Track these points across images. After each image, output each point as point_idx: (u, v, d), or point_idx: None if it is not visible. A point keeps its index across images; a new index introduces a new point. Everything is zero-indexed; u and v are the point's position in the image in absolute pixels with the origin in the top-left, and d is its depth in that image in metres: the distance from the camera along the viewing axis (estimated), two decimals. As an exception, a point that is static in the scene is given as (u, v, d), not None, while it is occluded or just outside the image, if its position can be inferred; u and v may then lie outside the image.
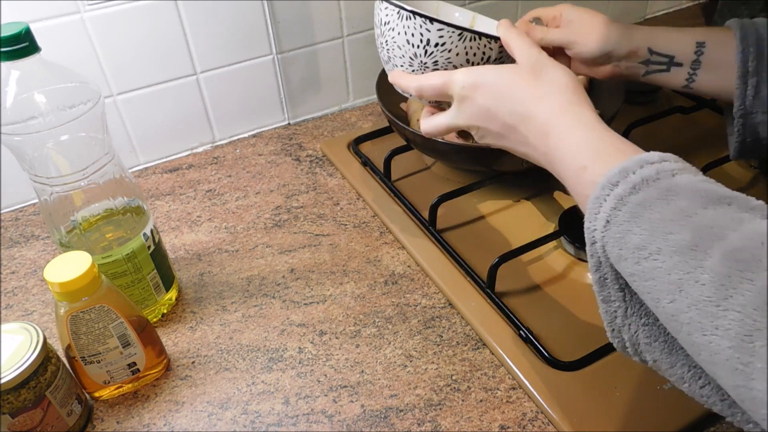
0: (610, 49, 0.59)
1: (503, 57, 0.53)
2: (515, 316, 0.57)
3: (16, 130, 0.47)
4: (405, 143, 0.76)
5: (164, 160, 0.85)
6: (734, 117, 0.55)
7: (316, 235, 0.71)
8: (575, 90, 0.46)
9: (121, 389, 0.55)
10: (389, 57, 0.56)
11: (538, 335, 0.56)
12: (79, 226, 0.54)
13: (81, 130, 0.50)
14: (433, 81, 0.51)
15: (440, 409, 0.52)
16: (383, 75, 0.80)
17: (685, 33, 0.58)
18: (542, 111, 0.45)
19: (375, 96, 0.85)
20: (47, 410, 0.48)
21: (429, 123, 0.54)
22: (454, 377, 0.54)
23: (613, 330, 0.39)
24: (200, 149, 0.87)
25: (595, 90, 0.81)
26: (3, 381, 0.45)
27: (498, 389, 0.53)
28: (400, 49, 0.54)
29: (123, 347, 0.52)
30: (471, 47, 0.51)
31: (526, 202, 0.73)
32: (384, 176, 0.77)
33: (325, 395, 0.54)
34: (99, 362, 0.51)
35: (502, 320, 0.58)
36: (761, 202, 0.34)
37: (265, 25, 0.82)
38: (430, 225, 0.68)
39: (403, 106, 0.83)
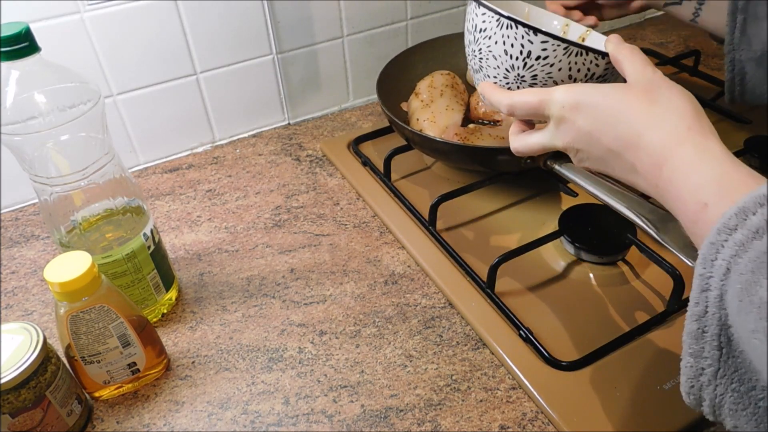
0: None
1: (608, 75, 0.49)
2: (515, 316, 0.57)
3: (16, 130, 0.47)
4: (405, 143, 0.76)
5: (164, 160, 0.85)
6: (725, 53, 0.58)
7: (316, 235, 0.71)
8: (697, 116, 0.40)
9: (121, 389, 0.55)
10: (481, 66, 0.51)
11: (538, 335, 0.56)
12: (79, 226, 0.54)
13: (81, 130, 0.50)
14: (527, 98, 0.46)
15: (440, 409, 0.52)
16: (383, 74, 0.80)
17: None
18: (656, 138, 0.40)
19: (375, 96, 0.85)
20: (47, 410, 0.48)
21: (520, 142, 0.49)
22: (454, 377, 0.54)
23: (692, 386, 0.36)
24: (200, 149, 0.87)
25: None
26: (3, 381, 0.45)
27: (498, 389, 0.53)
28: (496, 59, 0.49)
29: (123, 347, 0.52)
30: (576, 62, 0.47)
31: (526, 202, 0.73)
32: (384, 176, 0.77)
33: (325, 395, 0.54)
34: (99, 362, 0.51)
35: (502, 320, 0.58)
36: None
37: (265, 25, 0.82)
38: (430, 225, 0.68)
39: (403, 105, 0.83)
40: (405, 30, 0.93)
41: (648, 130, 0.40)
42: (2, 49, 0.46)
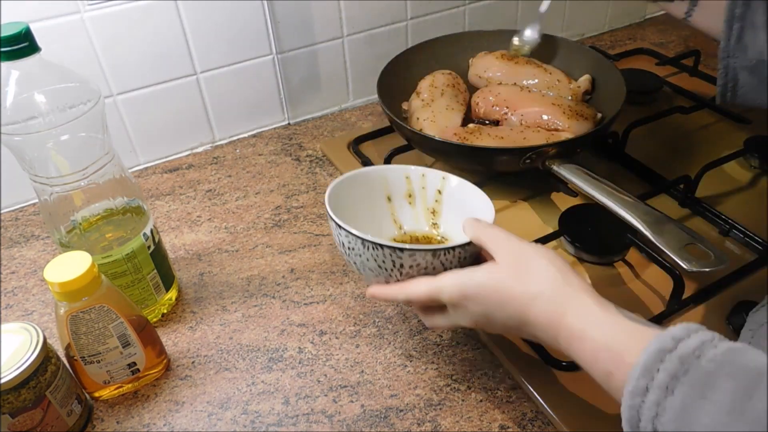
0: None
1: (477, 252, 0.50)
2: (515, 316, 0.57)
3: (16, 130, 0.47)
4: (405, 143, 0.76)
5: (164, 160, 0.85)
6: (719, 59, 0.58)
7: (316, 235, 0.71)
8: (566, 279, 0.44)
9: (121, 389, 0.55)
10: (361, 273, 0.52)
11: (538, 335, 0.56)
12: (79, 226, 0.54)
13: (81, 130, 0.50)
14: (420, 293, 0.48)
15: (440, 409, 0.52)
16: (383, 75, 0.80)
17: None
18: (540, 314, 0.44)
19: (375, 96, 0.85)
20: (47, 410, 0.48)
21: (431, 322, 0.52)
22: (454, 377, 0.54)
23: None
24: (200, 149, 0.87)
25: (596, 91, 0.81)
26: (3, 381, 0.45)
27: (498, 389, 0.53)
28: (372, 271, 0.50)
29: (123, 347, 0.52)
30: (446, 259, 0.48)
31: (526, 202, 0.73)
32: (384, 176, 0.76)
33: (325, 395, 0.54)
34: (99, 362, 0.51)
35: (502, 320, 0.58)
36: None
37: (265, 25, 0.82)
38: (430, 225, 0.68)
39: (404, 105, 0.83)
40: (405, 30, 0.93)
41: (531, 309, 0.44)
42: (2, 49, 0.46)
